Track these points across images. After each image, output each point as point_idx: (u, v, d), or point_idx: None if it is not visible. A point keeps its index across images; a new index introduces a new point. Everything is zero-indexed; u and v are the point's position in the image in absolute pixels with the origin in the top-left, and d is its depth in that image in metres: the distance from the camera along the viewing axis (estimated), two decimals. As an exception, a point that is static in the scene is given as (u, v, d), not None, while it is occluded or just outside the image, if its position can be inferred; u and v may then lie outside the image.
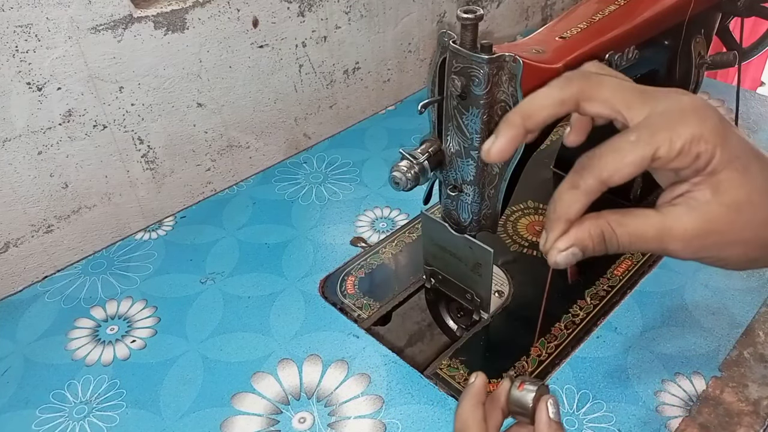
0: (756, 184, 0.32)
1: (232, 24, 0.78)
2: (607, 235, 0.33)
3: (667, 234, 0.33)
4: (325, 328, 0.61)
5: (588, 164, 0.33)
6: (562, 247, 0.34)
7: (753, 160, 0.32)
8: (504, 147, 0.35)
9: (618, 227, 0.33)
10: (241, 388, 0.55)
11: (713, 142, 0.31)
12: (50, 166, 0.70)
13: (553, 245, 0.34)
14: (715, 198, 0.32)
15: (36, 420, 0.53)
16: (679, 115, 0.31)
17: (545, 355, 0.57)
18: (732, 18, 0.73)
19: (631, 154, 0.31)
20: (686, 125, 0.31)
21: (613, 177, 0.32)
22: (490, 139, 0.35)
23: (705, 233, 0.32)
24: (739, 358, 0.56)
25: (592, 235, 0.33)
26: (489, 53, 0.43)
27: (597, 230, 0.33)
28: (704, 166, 0.32)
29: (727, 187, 0.32)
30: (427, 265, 0.63)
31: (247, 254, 0.70)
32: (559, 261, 0.34)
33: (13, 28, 0.62)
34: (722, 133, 0.31)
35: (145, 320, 0.63)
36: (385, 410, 0.53)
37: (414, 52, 1.06)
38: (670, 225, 0.33)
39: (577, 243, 0.34)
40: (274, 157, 0.92)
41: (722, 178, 0.32)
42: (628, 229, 0.33)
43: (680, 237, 0.33)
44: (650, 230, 0.33)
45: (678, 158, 0.31)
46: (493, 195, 0.51)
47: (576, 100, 0.34)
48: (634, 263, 0.66)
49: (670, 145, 0.31)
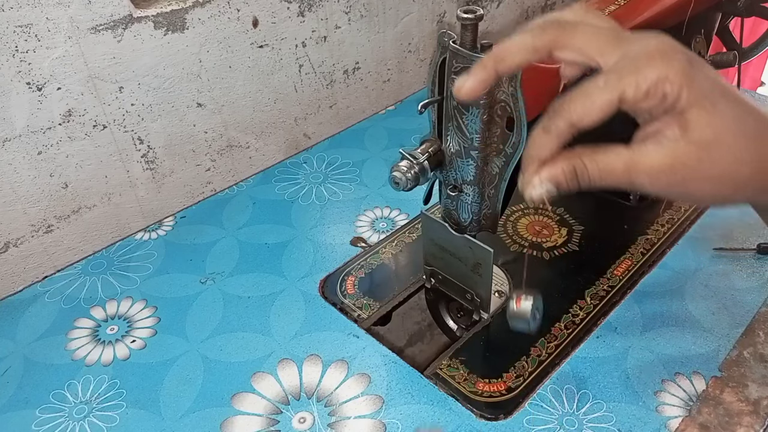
0: (725, 122, 0.33)
1: (232, 24, 0.78)
2: (578, 170, 0.35)
3: (635, 168, 0.34)
4: (325, 328, 0.61)
5: (559, 108, 0.34)
6: (536, 182, 0.36)
7: (722, 99, 0.33)
8: (474, 86, 0.37)
9: (589, 162, 0.35)
10: (241, 388, 0.55)
11: (678, 83, 0.32)
12: (50, 166, 0.70)
13: (528, 181, 0.36)
14: (684, 136, 0.33)
15: (36, 420, 0.53)
16: (645, 58, 0.33)
17: (545, 355, 0.57)
18: (732, 18, 0.73)
19: (599, 98, 0.33)
20: (652, 68, 0.32)
21: (582, 120, 0.34)
22: (463, 77, 0.37)
23: (671, 169, 0.34)
24: (739, 358, 0.56)
25: (564, 170, 0.35)
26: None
27: (569, 166, 0.35)
28: (672, 105, 0.33)
29: (695, 126, 0.33)
30: (427, 265, 0.63)
31: (247, 254, 0.70)
32: (534, 196, 0.36)
33: (13, 28, 0.62)
34: (689, 73, 0.33)
35: (145, 320, 0.63)
36: (385, 410, 0.53)
37: (414, 52, 1.06)
38: (637, 160, 0.34)
39: (551, 178, 0.35)
40: (274, 157, 0.92)
41: (690, 117, 0.33)
42: (599, 164, 0.35)
43: (647, 171, 0.34)
44: (619, 164, 0.35)
45: (645, 100, 0.33)
46: (493, 195, 0.51)
47: (548, 49, 0.35)
48: (634, 263, 0.66)
49: (636, 87, 0.32)
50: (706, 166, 0.34)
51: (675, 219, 0.72)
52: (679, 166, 0.34)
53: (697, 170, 0.34)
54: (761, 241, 0.67)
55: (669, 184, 0.34)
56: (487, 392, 0.54)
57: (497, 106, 0.46)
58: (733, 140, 0.33)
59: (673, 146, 0.34)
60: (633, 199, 0.75)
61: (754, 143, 0.34)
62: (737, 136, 0.33)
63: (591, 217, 0.73)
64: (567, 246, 0.70)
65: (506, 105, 0.45)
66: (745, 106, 0.34)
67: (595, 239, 0.70)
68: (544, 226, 0.72)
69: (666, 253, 0.67)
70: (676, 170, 0.34)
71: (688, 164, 0.34)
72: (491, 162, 0.49)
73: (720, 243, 0.68)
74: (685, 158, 0.34)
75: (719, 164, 0.34)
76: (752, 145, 0.34)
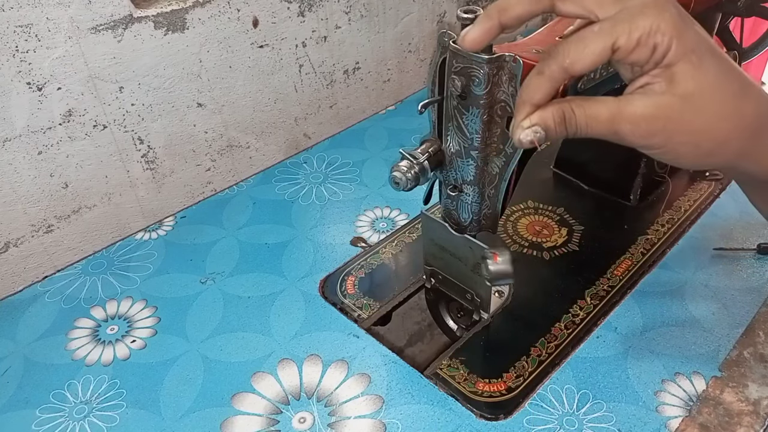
0: (709, 78, 0.35)
1: (232, 24, 0.78)
2: (567, 115, 0.36)
3: (618, 115, 0.35)
4: (325, 328, 0.61)
5: (553, 52, 0.35)
6: (526, 125, 0.37)
7: (708, 55, 0.35)
8: (478, 36, 0.38)
9: (577, 108, 0.36)
10: (241, 388, 0.55)
11: (669, 34, 0.33)
12: (50, 166, 0.70)
13: (518, 124, 0.37)
14: (669, 89, 0.35)
15: (36, 420, 0.53)
16: (639, 9, 0.34)
17: (545, 355, 0.57)
18: (732, 18, 0.73)
19: (593, 43, 0.34)
20: (645, 17, 0.34)
21: (575, 65, 0.35)
22: (468, 28, 0.39)
23: (653, 118, 0.35)
24: (739, 358, 0.56)
25: (554, 115, 0.36)
26: (489, 53, 0.43)
27: (559, 111, 0.36)
28: (661, 57, 0.34)
29: (680, 79, 0.34)
30: (427, 265, 0.62)
31: (247, 254, 0.70)
32: (523, 138, 0.37)
33: (13, 28, 0.62)
34: (679, 26, 0.34)
35: (145, 320, 0.63)
36: (385, 410, 0.53)
37: (414, 52, 1.06)
38: (622, 108, 0.36)
39: (540, 122, 0.36)
40: (274, 157, 0.92)
41: (676, 70, 0.34)
42: (586, 110, 0.36)
43: (629, 119, 0.35)
44: (604, 112, 0.36)
45: (636, 50, 0.34)
46: (493, 195, 0.51)
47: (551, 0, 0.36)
48: (634, 263, 0.66)
49: (629, 35, 0.34)
50: (687, 118, 0.35)
51: (675, 219, 0.72)
52: (661, 117, 0.35)
53: (679, 122, 0.35)
54: (761, 241, 0.67)
55: (649, 132, 0.35)
56: (487, 392, 0.54)
57: (497, 106, 0.46)
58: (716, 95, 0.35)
59: (657, 98, 0.35)
60: (633, 199, 0.75)
61: (734, 100, 0.35)
62: (720, 92, 0.35)
63: (591, 217, 0.73)
64: (567, 246, 0.69)
65: (506, 105, 0.45)
66: (729, 64, 0.36)
67: (595, 239, 0.70)
68: (544, 226, 0.72)
69: (666, 253, 0.67)
70: (659, 119, 0.35)
71: (671, 116, 0.35)
72: (491, 162, 0.49)
73: (720, 243, 0.68)
74: (668, 110, 0.35)
75: (701, 117, 0.35)
76: (733, 103, 0.35)
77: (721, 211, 0.73)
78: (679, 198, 0.75)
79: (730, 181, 0.76)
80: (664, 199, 0.75)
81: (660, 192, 0.76)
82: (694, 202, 0.74)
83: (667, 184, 0.76)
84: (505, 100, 0.45)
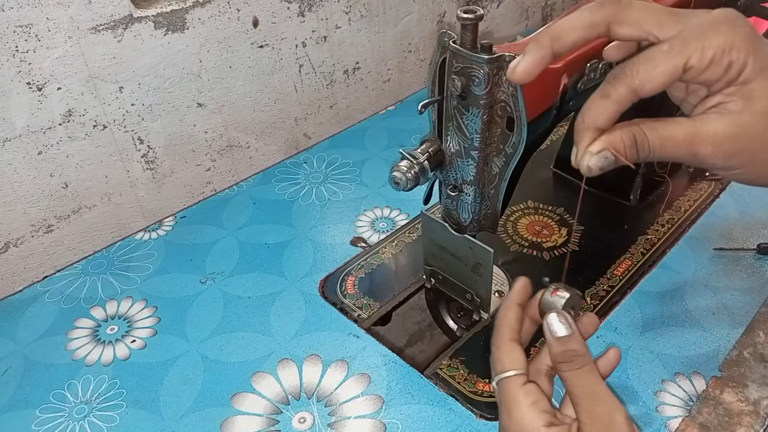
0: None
1: (232, 24, 0.78)
2: (638, 139, 0.34)
3: (697, 136, 0.33)
4: (325, 328, 0.61)
5: (620, 74, 0.33)
6: (594, 150, 0.34)
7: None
8: (530, 66, 0.34)
9: (649, 131, 0.34)
10: (241, 388, 0.55)
11: (745, 50, 0.32)
12: (50, 166, 0.70)
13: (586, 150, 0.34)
14: (747, 107, 0.33)
15: (36, 420, 0.53)
16: (710, 25, 0.32)
17: (545, 355, 0.57)
18: (732, 18, 0.73)
19: (664, 62, 0.32)
20: (718, 34, 0.32)
21: (645, 86, 0.32)
22: (517, 58, 0.35)
23: (735, 136, 0.33)
24: (739, 358, 0.56)
25: (623, 139, 0.33)
26: (489, 53, 0.43)
27: (629, 134, 0.34)
28: (736, 75, 0.32)
29: (760, 96, 0.32)
30: (427, 265, 0.62)
31: (247, 254, 0.70)
32: (592, 165, 0.34)
33: (13, 28, 0.62)
34: (754, 42, 0.32)
35: (145, 320, 0.63)
36: (385, 410, 0.53)
37: (414, 52, 1.06)
38: (700, 128, 0.33)
39: (609, 145, 0.33)
40: (274, 157, 0.92)
41: (754, 87, 0.32)
42: (659, 132, 0.34)
43: (710, 140, 0.33)
44: (681, 133, 0.33)
45: (710, 68, 0.32)
46: (493, 195, 0.51)
47: (606, 23, 0.34)
48: (634, 263, 0.66)
49: (702, 53, 0.31)
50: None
51: (675, 219, 0.72)
52: (743, 136, 0.33)
53: (761, 140, 0.33)
54: (761, 241, 0.67)
55: (732, 152, 0.33)
56: (487, 392, 0.54)
57: (497, 106, 0.46)
58: None
59: (736, 117, 0.33)
60: (633, 199, 0.75)
61: None
62: None
63: (591, 217, 0.73)
64: (567, 246, 0.69)
65: (506, 105, 0.45)
66: None
67: (595, 239, 0.70)
68: (544, 226, 0.72)
69: (666, 253, 0.67)
70: (740, 138, 0.33)
71: (752, 134, 0.33)
72: (491, 162, 0.49)
73: (720, 243, 0.68)
74: (749, 127, 0.33)
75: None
76: None
77: (721, 211, 0.73)
78: (679, 198, 0.75)
79: (730, 181, 0.76)
80: (664, 199, 0.75)
81: (660, 192, 0.76)
82: (694, 202, 0.74)
83: (667, 184, 0.76)
84: (505, 100, 0.45)
